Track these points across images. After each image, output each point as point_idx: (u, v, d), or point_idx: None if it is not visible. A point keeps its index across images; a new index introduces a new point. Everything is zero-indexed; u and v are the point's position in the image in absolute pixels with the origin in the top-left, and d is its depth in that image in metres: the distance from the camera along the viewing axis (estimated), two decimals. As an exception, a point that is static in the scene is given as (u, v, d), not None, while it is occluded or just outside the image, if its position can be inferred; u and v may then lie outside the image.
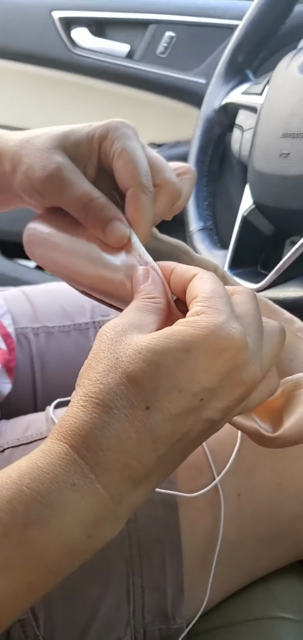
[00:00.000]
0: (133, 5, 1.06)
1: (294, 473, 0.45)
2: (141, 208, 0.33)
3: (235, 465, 0.44)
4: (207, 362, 0.25)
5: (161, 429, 0.25)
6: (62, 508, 0.23)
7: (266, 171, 0.46)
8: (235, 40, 0.58)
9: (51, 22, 1.05)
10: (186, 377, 0.25)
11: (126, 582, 0.41)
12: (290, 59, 0.49)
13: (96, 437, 0.24)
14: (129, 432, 0.24)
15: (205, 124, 0.59)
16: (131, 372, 0.25)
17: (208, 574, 0.42)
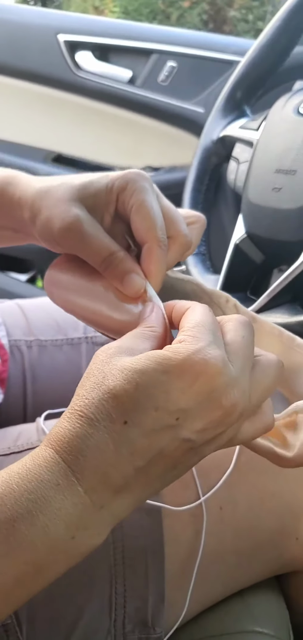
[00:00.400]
0: (137, 34, 1.10)
1: (275, 489, 0.45)
2: (156, 261, 0.35)
3: (218, 479, 0.44)
4: (183, 384, 0.27)
5: (138, 442, 0.27)
6: (47, 505, 0.25)
7: (259, 203, 0.49)
8: (235, 76, 0.61)
9: (57, 44, 1.08)
10: (163, 396, 0.27)
11: (109, 590, 0.41)
12: (286, 100, 0.52)
13: (78, 445, 0.26)
14: (107, 443, 0.26)
15: (203, 153, 0.61)
16: (112, 389, 0.27)
17: (188, 584, 0.43)
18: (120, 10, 4.25)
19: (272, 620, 0.49)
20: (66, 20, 1.14)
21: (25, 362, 0.61)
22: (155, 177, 1.13)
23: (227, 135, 0.59)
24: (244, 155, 0.55)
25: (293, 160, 0.45)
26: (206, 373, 0.27)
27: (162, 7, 4.26)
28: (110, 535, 0.40)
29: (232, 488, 0.44)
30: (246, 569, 0.47)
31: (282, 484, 0.45)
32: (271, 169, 0.48)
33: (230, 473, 0.44)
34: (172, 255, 0.37)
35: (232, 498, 0.44)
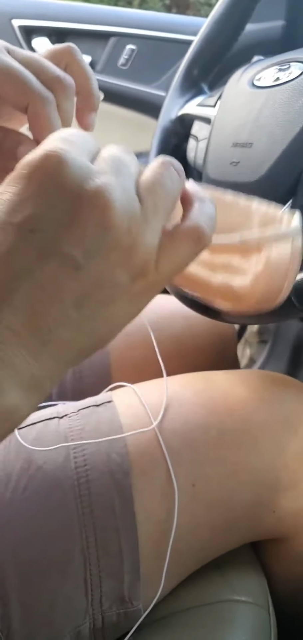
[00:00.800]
0: (94, 17, 1.08)
1: (249, 463, 0.45)
2: (42, 118, 0.31)
3: (189, 455, 0.45)
4: (19, 188, 0.22)
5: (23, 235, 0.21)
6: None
7: (218, 178, 0.49)
8: (190, 54, 0.61)
9: (11, 30, 1.05)
10: (19, 197, 0.22)
11: (83, 573, 0.41)
12: (241, 73, 0.52)
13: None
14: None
15: (162, 133, 0.61)
16: None
17: (163, 561, 0.43)
18: (81, -2, 4.18)
19: (250, 588, 0.50)
20: (21, 4, 1.11)
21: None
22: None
23: (186, 113, 0.59)
24: (203, 132, 0.55)
25: (249, 132, 0.45)
26: (47, 164, 0.22)
27: (123, -7, 4.21)
28: (81, 518, 0.41)
29: (204, 464, 0.45)
30: (220, 541, 0.47)
31: (256, 458, 0.46)
32: (228, 144, 0.48)
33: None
34: (68, 102, 0.32)
35: (204, 474, 0.45)
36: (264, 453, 0.46)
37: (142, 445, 0.45)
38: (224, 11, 0.58)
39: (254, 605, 0.48)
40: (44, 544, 0.40)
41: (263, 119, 0.44)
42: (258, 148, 0.44)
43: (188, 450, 0.45)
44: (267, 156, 0.42)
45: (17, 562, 0.40)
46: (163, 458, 0.44)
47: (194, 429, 0.46)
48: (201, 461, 0.45)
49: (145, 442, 0.45)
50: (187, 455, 0.45)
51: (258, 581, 0.51)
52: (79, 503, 0.41)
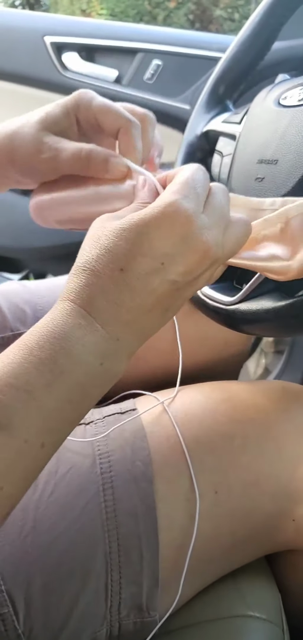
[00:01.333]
0: (122, 34, 1.11)
1: (270, 471, 0.46)
2: (132, 138, 0.41)
3: (212, 463, 0.45)
4: (162, 233, 0.32)
5: (133, 283, 0.33)
6: (76, 340, 0.31)
7: (242, 193, 0.49)
8: (217, 72, 0.61)
9: (43, 46, 1.09)
10: (147, 244, 0.32)
11: (105, 578, 0.41)
12: (267, 92, 0.53)
13: (88, 292, 0.33)
14: (110, 286, 0.32)
15: (187, 148, 0.62)
16: (107, 244, 0.33)
17: (182, 568, 0.43)
18: (107, 13, 4.26)
19: (264, 604, 0.49)
20: (52, 22, 1.15)
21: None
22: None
23: (211, 129, 0.60)
24: (227, 148, 0.56)
25: (274, 150, 0.46)
26: (178, 221, 0.32)
27: (148, 8, 4.27)
28: (105, 523, 0.41)
29: (226, 472, 0.45)
30: (240, 551, 0.47)
31: (278, 466, 0.46)
32: (253, 160, 0.48)
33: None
34: (151, 131, 0.45)
35: (227, 482, 0.45)
36: (285, 462, 0.46)
37: (166, 453, 0.45)
38: (251, 32, 0.58)
39: (268, 622, 0.48)
40: (69, 548, 0.41)
41: (289, 137, 0.45)
42: (283, 165, 0.44)
43: (211, 457, 0.45)
44: (292, 173, 0.43)
45: (42, 565, 0.40)
46: (187, 466, 0.45)
47: (217, 437, 0.46)
48: (224, 469, 0.45)
49: (169, 450, 0.45)
50: (210, 462, 0.45)
51: (272, 597, 0.51)
52: (103, 509, 0.42)
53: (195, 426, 0.47)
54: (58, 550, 0.40)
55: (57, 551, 0.40)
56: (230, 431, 0.47)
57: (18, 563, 0.40)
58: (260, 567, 0.52)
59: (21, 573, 0.39)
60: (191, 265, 0.33)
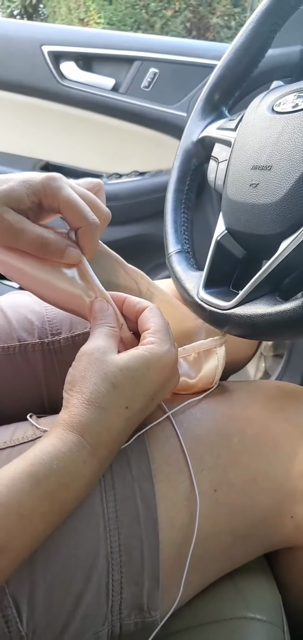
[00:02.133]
0: (119, 42, 1.12)
1: (268, 469, 0.46)
2: (91, 239, 0.46)
3: (211, 461, 0.46)
4: (159, 375, 0.41)
5: (133, 419, 0.40)
6: (78, 478, 0.37)
7: (237, 199, 0.50)
8: (212, 80, 0.62)
9: (41, 55, 1.10)
10: (147, 385, 0.40)
11: (106, 578, 0.42)
12: (261, 99, 0.54)
13: (96, 429, 0.38)
14: (115, 423, 0.39)
15: (183, 155, 0.63)
16: (116, 383, 0.39)
17: (183, 568, 0.44)
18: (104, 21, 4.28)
19: (265, 605, 0.50)
20: (50, 31, 1.16)
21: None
22: (142, 181, 1.15)
23: (207, 136, 0.61)
24: (223, 154, 0.56)
25: (268, 156, 0.47)
26: (170, 365, 0.42)
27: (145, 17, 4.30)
28: (107, 524, 0.42)
29: (226, 470, 0.46)
30: (240, 548, 0.48)
31: (275, 464, 0.47)
32: (248, 166, 0.49)
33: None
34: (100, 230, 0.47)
35: (226, 480, 0.46)
36: (283, 460, 0.47)
37: (166, 453, 0.46)
38: (245, 40, 0.59)
39: (269, 623, 0.48)
40: (72, 550, 0.41)
41: (283, 143, 0.45)
42: (277, 171, 0.45)
43: (210, 456, 0.46)
44: (286, 179, 0.44)
45: (45, 568, 0.40)
46: (187, 464, 0.45)
47: (216, 436, 0.47)
48: (223, 467, 0.46)
49: (169, 449, 0.46)
50: (209, 461, 0.46)
51: (272, 598, 0.51)
52: (105, 509, 0.43)
53: (194, 425, 0.48)
54: (61, 552, 0.41)
55: (60, 553, 0.41)
56: (228, 430, 0.47)
57: (22, 566, 0.40)
58: (260, 568, 0.52)
59: (25, 576, 0.40)
60: (169, 393, 0.46)
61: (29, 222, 0.44)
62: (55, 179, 0.44)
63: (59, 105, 1.14)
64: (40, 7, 5.22)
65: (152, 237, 1.15)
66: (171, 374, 0.43)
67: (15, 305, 0.61)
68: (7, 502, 0.34)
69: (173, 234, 0.60)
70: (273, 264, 0.44)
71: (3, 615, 0.39)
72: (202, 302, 0.52)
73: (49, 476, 0.35)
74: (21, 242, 0.44)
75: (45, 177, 0.44)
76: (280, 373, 1.10)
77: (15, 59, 1.11)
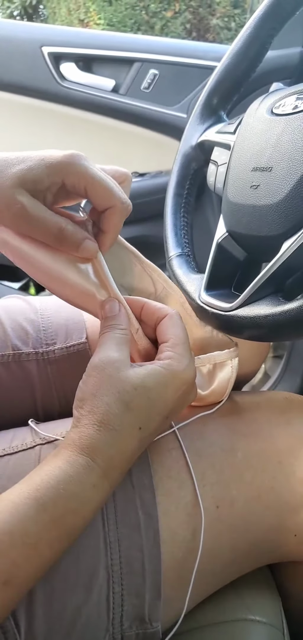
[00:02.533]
0: (119, 44, 1.12)
1: (272, 486, 0.45)
2: (119, 221, 0.42)
3: (214, 477, 0.45)
4: (175, 394, 0.39)
5: (146, 439, 0.38)
6: (87, 503, 0.35)
7: (238, 201, 0.50)
8: (210, 84, 0.62)
9: (41, 56, 1.10)
10: (163, 405, 0.38)
11: (107, 590, 0.41)
12: (260, 102, 0.54)
13: (108, 451, 0.36)
14: (128, 445, 0.37)
15: (182, 159, 0.63)
16: (130, 403, 0.36)
17: (185, 581, 0.43)
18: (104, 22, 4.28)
19: (265, 608, 0.50)
20: (50, 32, 1.16)
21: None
22: (142, 182, 1.15)
23: (205, 140, 0.61)
24: (222, 157, 0.56)
25: (269, 157, 0.47)
26: (188, 382, 0.39)
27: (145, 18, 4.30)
28: (107, 535, 0.41)
29: (229, 486, 0.45)
30: (242, 563, 0.47)
31: (280, 481, 0.46)
32: (248, 168, 0.49)
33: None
34: None
35: (229, 496, 0.45)
36: (288, 476, 0.46)
37: (167, 465, 0.45)
38: (243, 44, 0.59)
39: (269, 625, 0.48)
40: (71, 561, 0.41)
41: (283, 144, 0.45)
42: (277, 172, 0.45)
43: (213, 471, 0.45)
44: (286, 179, 0.44)
45: (45, 579, 0.40)
46: (189, 478, 0.44)
47: (220, 451, 0.46)
48: (226, 483, 0.45)
49: (171, 462, 0.45)
50: (212, 476, 0.45)
51: (273, 601, 0.51)
52: (105, 520, 0.42)
53: (196, 439, 0.47)
54: (59, 563, 0.40)
55: (59, 564, 0.40)
56: (232, 445, 0.46)
57: None
58: (260, 572, 0.52)
59: None
60: (183, 410, 0.42)
61: (45, 208, 0.39)
62: (80, 157, 0.40)
63: (59, 106, 1.14)
64: (40, 8, 5.22)
65: (151, 238, 1.15)
66: (188, 391, 0.40)
67: (11, 312, 0.60)
68: (11, 530, 0.32)
69: (174, 238, 0.60)
70: (275, 265, 0.43)
71: (1, 626, 0.38)
72: (204, 304, 0.51)
73: (56, 501, 0.33)
74: (35, 230, 0.39)
75: (69, 154, 0.39)
76: (280, 374, 1.10)
77: (15, 60, 1.11)
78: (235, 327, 0.47)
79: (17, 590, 0.33)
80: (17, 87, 1.13)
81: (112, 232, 0.43)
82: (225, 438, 0.47)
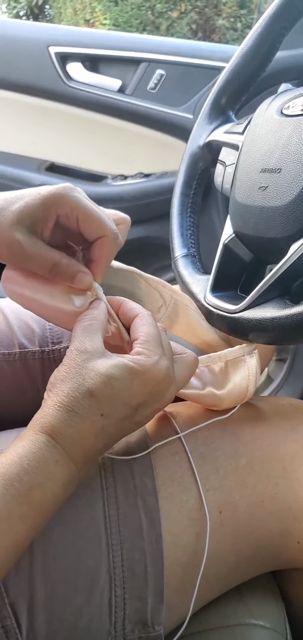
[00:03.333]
0: (126, 44, 1.12)
1: (276, 491, 0.45)
2: (110, 251, 0.43)
3: (217, 482, 0.45)
4: (143, 387, 0.38)
5: (109, 428, 0.37)
6: (51, 476, 0.35)
7: (246, 202, 0.50)
8: (219, 84, 0.62)
9: (48, 56, 1.10)
10: (129, 395, 0.38)
11: (109, 593, 0.41)
12: (269, 102, 0.53)
13: (67, 432, 0.36)
14: (89, 429, 0.36)
15: (189, 159, 0.63)
16: (93, 389, 0.36)
17: (188, 586, 0.43)
18: (110, 23, 4.28)
19: (268, 613, 0.50)
20: (57, 32, 1.16)
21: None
22: (147, 183, 1.15)
23: (213, 140, 0.61)
24: (230, 158, 0.56)
25: (278, 159, 0.46)
26: (158, 378, 0.39)
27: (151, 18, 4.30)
28: (109, 538, 0.41)
29: (232, 492, 0.45)
30: (245, 568, 0.47)
31: (283, 487, 0.45)
32: (256, 169, 0.49)
33: None
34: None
35: (232, 501, 0.45)
36: (291, 482, 0.45)
37: (171, 469, 0.45)
38: (253, 44, 0.59)
39: (272, 630, 0.48)
40: (73, 562, 0.41)
41: (292, 145, 0.45)
42: (287, 173, 0.45)
43: (216, 476, 0.45)
44: (295, 181, 0.43)
45: (45, 579, 0.40)
46: (192, 482, 0.44)
47: (223, 456, 0.46)
48: (229, 489, 0.45)
49: (174, 466, 0.45)
50: (215, 481, 0.45)
51: (276, 606, 0.51)
52: (107, 523, 0.42)
53: (200, 443, 0.46)
54: (63, 564, 0.40)
55: (62, 565, 0.40)
56: (236, 451, 0.46)
57: (21, 576, 0.39)
58: (264, 577, 0.52)
59: (24, 586, 0.39)
60: (156, 411, 0.41)
61: (41, 243, 0.41)
62: (73, 189, 0.42)
63: (65, 106, 1.14)
64: (46, 8, 5.23)
65: (156, 239, 1.15)
66: (160, 387, 0.39)
67: (17, 311, 0.60)
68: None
69: (180, 238, 0.60)
70: (283, 267, 0.43)
71: (2, 625, 0.38)
72: (209, 305, 0.51)
73: (21, 475, 0.34)
74: (31, 264, 0.41)
75: (62, 187, 0.42)
76: (283, 378, 1.09)
77: (22, 60, 1.11)
78: (240, 329, 0.47)
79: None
80: (24, 87, 1.13)
81: (103, 262, 0.44)
82: (229, 443, 0.47)
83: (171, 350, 0.42)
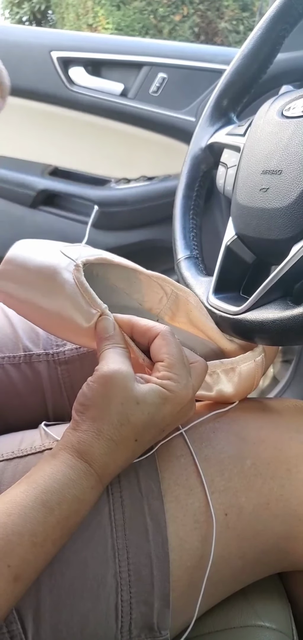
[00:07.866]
0: (128, 48, 1.12)
1: (281, 493, 0.45)
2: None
3: (222, 484, 0.44)
4: (173, 410, 0.40)
5: (139, 450, 0.41)
6: (87, 503, 0.38)
7: (247, 204, 0.50)
8: (220, 86, 0.62)
9: (50, 61, 1.10)
10: (160, 419, 0.40)
11: (115, 598, 0.41)
12: (270, 104, 0.54)
13: (104, 460, 0.38)
14: (122, 454, 0.39)
15: (191, 161, 0.63)
16: (130, 417, 0.38)
17: (194, 589, 0.43)
18: (112, 27, 4.30)
19: (274, 614, 0.49)
20: (59, 37, 1.16)
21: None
22: (150, 186, 1.15)
23: (215, 142, 0.61)
24: (232, 160, 0.56)
25: (278, 160, 0.47)
26: (187, 400, 0.41)
27: (154, 22, 4.31)
28: (115, 542, 0.41)
29: (237, 494, 0.45)
30: (250, 571, 0.47)
31: (289, 489, 0.45)
32: (258, 171, 0.49)
33: None
34: None
35: (237, 504, 0.44)
36: (296, 484, 0.45)
37: (176, 472, 0.45)
38: (253, 46, 0.59)
39: (278, 631, 0.48)
40: (79, 568, 0.41)
41: (293, 147, 0.45)
42: (287, 175, 0.45)
43: (221, 479, 0.45)
44: (296, 183, 0.43)
45: (51, 584, 0.40)
46: (197, 485, 0.44)
47: (228, 458, 0.46)
48: (234, 491, 0.45)
49: (179, 469, 0.45)
50: (220, 483, 0.45)
51: (282, 608, 0.50)
52: (113, 527, 0.42)
53: (205, 446, 0.46)
54: (69, 568, 0.40)
55: (68, 569, 0.40)
56: (241, 453, 0.46)
57: None
58: (270, 577, 0.51)
59: (31, 591, 0.39)
60: (179, 423, 0.44)
61: None
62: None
63: (67, 111, 1.14)
64: (49, 13, 5.26)
65: (160, 242, 1.15)
66: (187, 407, 0.41)
67: None
68: (20, 532, 0.35)
69: (182, 240, 0.61)
70: (284, 269, 0.43)
71: (8, 630, 0.38)
72: (212, 307, 0.51)
73: (61, 504, 0.36)
74: None
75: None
76: (289, 379, 1.09)
77: (24, 65, 1.12)
78: (243, 330, 0.47)
79: (26, 584, 0.36)
80: (27, 91, 1.13)
81: None
82: (234, 445, 0.46)
83: (189, 365, 0.43)
